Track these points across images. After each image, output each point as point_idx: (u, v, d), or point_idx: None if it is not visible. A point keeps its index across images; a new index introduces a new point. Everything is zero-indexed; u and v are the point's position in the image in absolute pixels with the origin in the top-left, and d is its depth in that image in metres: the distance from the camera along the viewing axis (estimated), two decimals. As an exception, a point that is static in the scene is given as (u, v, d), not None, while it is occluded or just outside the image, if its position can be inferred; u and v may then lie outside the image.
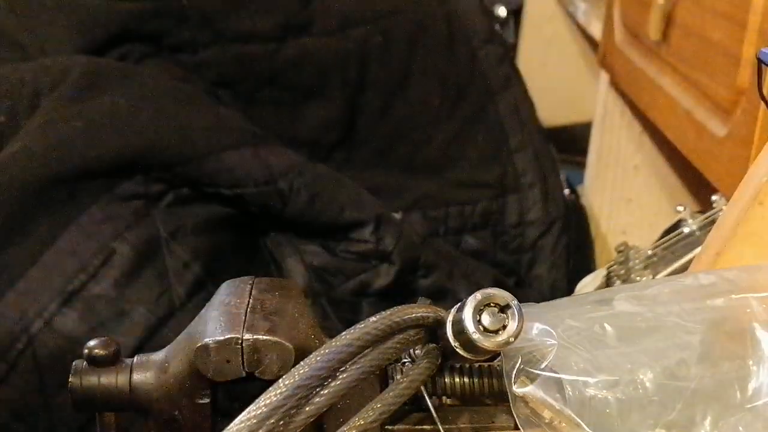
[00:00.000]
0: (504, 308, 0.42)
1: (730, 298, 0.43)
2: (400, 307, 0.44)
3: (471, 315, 0.42)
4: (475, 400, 0.48)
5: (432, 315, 0.45)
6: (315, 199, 1.06)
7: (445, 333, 0.44)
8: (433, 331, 0.45)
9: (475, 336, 0.42)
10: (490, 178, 1.29)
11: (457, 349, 0.43)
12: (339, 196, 1.08)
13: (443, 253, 1.17)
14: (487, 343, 0.42)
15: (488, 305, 0.42)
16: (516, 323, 0.42)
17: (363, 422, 0.42)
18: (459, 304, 0.43)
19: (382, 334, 0.43)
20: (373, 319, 0.43)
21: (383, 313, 0.44)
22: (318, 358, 0.41)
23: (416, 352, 0.46)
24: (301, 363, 0.41)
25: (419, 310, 0.44)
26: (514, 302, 0.42)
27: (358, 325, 0.43)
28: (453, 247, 1.23)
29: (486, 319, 0.42)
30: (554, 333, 0.43)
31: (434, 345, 0.45)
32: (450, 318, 0.44)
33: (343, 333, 0.42)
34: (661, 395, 0.42)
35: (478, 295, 0.42)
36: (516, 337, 0.42)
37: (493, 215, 1.27)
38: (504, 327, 0.42)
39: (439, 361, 0.45)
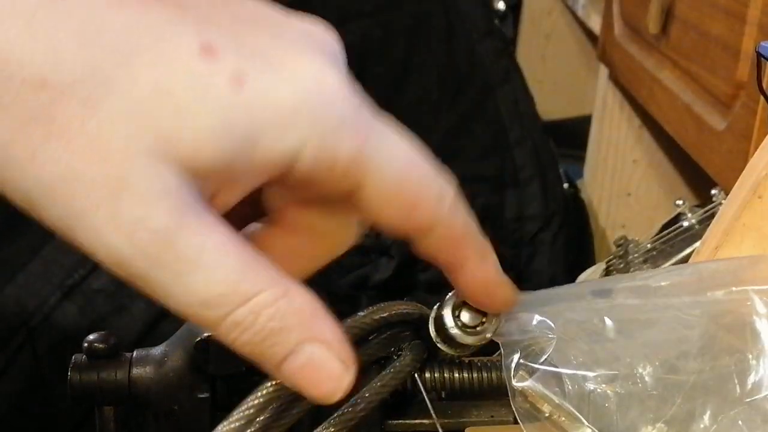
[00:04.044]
0: None
1: (731, 290, 0.44)
2: (385, 303, 0.45)
3: (450, 312, 0.43)
4: (475, 394, 0.48)
5: (417, 312, 0.45)
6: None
7: (428, 330, 0.44)
8: (419, 328, 0.46)
9: (454, 332, 0.43)
10: (488, 172, 1.29)
11: (439, 345, 0.44)
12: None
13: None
14: (467, 339, 0.43)
15: (466, 302, 0.43)
16: (495, 319, 0.43)
17: (352, 410, 0.43)
18: (439, 302, 0.44)
19: (369, 329, 0.44)
20: (361, 313, 0.44)
21: (369, 308, 0.44)
22: None
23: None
24: None
25: (404, 307, 0.45)
26: None
27: (345, 321, 0.44)
28: (452, 241, 1.23)
29: (465, 315, 0.43)
30: (554, 326, 0.43)
31: (419, 341, 0.46)
32: (432, 315, 0.44)
33: None
34: (660, 389, 0.42)
35: (456, 293, 0.43)
36: (494, 332, 0.43)
37: (492, 209, 1.27)
38: (483, 323, 0.43)
39: (425, 355, 0.46)
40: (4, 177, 0.34)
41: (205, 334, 0.45)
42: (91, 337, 0.48)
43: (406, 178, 0.38)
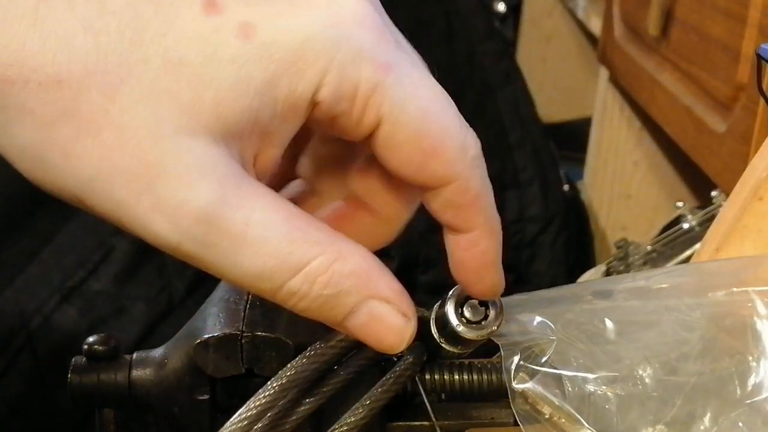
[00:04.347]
0: (484, 300, 0.43)
1: (732, 291, 0.43)
2: None
3: (453, 309, 0.43)
4: (475, 396, 0.48)
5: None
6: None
7: (429, 330, 0.44)
8: (418, 330, 0.46)
9: (459, 328, 0.43)
10: (489, 173, 1.28)
11: (442, 344, 0.44)
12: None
13: (442, 248, 1.16)
14: (471, 334, 0.43)
15: (469, 298, 0.43)
16: (496, 313, 0.43)
17: (354, 419, 0.43)
18: (440, 300, 0.44)
19: None
20: None
21: None
22: (304, 360, 0.42)
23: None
24: (289, 365, 0.42)
25: None
26: None
27: None
28: (452, 243, 1.23)
29: (468, 311, 0.43)
30: (554, 327, 0.43)
31: (419, 343, 0.46)
32: (433, 315, 0.44)
33: (329, 334, 0.43)
34: (660, 391, 0.42)
35: (458, 289, 0.43)
36: (498, 326, 0.43)
37: (493, 211, 1.27)
38: (486, 317, 0.43)
39: (425, 357, 0.46)
40: (46, 179, 0.35)
41: (205, 336, 0.45)
42: (90, 339, 0.48)
43: (427, 120, 0.37)
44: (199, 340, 0.45)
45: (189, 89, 0.33)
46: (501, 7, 1.95)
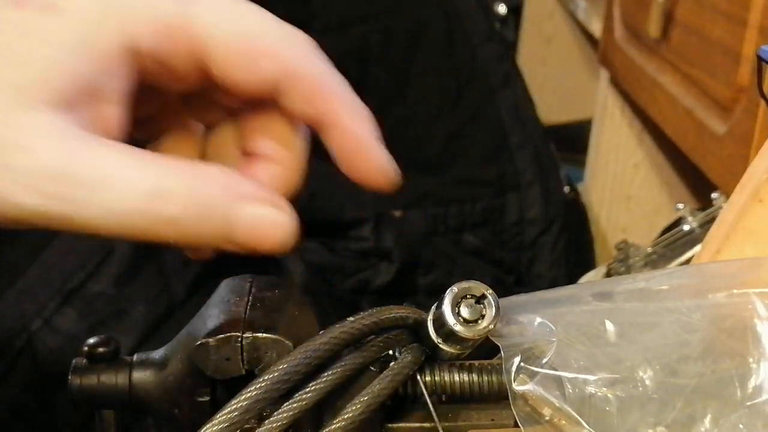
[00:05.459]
0: (480, 299, 0.44)
1: (732, 293, 0.43)
2: (379, 308, 0.45)
3: (450, 308, 0.43)
4: (475, 397, 0.48)
5: (412, 316, 0.46)
6: (314, 197, 1.06)
7: (427, 331, 0.45)
8: (415, 332, 0.46)
9: (456, 327, 0.43)
10: (489, 176, 1.29)
11: (440, 344, 0.44)
12: (338, 195, 1.08)
13: (443, 251, 1.17)
14: (468, 332, 0.43)
15: (465, 297, 0.43)
16: (493, 311, 0.43)
17: (352, 414, 0.43)
18: (437, 301, 0.44)
19: (359, 334, 0.44)
20: (350, 319, 0.44)
21: (362, 313, 0.45)
22: (297, 356, 0.42)
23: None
24: (281, 360, 0.42)
25: (399, 311, 0.45)
26: (489, 292, 0.43)
27: (335, 325, 0.44)
28: (453, 245, 1.23)
29: (464, 310, 0.43)
30: (554, 329, 0.43)
31: (417, 344, 0.46)
32: (430, 316, 0.45)
33: (322, 332, 0.43)
34: (661, 393, 0.42)
35: (454, 289, 0.44)
36: (494, 324, 0.43)
37: (493, 213, 1.27)
38: (482, 316, 0.43)
39: (423, 357, 0.46)
40: None
41: (206, 338, 0.45)
42: (91, 341, 0.48)
43: (245, 28, 0.40)
44: (199, 342, 0.45)
45: (17, 70, 0.37)
46: (501, 8, 1.95)
